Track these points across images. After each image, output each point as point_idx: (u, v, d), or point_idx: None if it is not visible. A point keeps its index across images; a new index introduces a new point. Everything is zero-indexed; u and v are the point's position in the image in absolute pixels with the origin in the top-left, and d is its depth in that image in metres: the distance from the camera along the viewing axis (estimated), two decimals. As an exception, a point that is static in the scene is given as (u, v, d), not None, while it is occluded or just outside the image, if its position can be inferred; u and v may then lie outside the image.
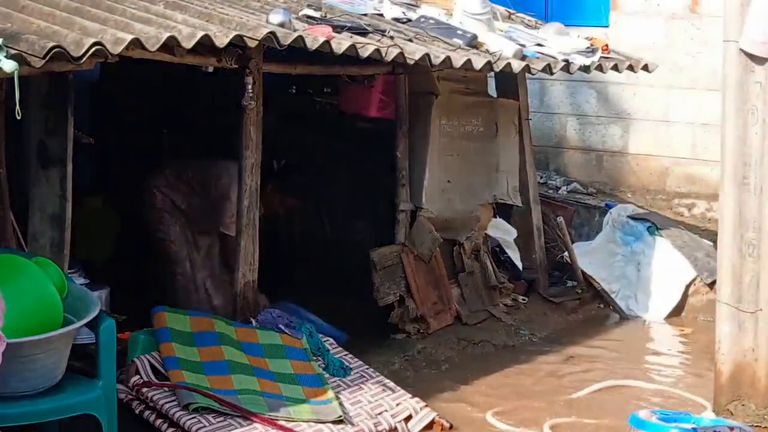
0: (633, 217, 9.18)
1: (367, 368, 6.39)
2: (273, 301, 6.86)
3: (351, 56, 6.32)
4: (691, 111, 10.37)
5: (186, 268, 7.14)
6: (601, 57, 8.08)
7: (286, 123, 8.21)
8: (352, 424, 5.68)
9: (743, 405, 6.14)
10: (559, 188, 10.48)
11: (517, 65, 7.35)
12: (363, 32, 6.57)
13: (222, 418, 5.42)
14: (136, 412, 5.52)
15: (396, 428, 5.84)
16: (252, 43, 5.77)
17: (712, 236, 8.16)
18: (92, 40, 4.83)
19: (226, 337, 6.09)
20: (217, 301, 7.11)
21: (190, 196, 7.18)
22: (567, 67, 7.81)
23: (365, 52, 6.28)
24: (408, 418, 5.95)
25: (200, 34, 5.36)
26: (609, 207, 9.54)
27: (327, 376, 6.11)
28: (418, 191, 7.76)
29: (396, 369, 6.93)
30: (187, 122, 8.80)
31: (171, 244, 7.12)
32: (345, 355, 6.43)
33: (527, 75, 8.40)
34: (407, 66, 6.85)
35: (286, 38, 5.88)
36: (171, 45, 5.33)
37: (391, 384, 6.24)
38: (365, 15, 7.36)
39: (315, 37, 6.07)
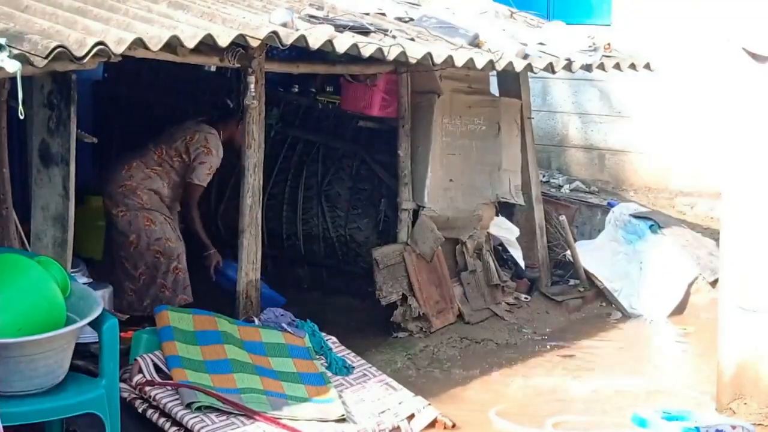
0: (635, 216, 9.19)
1: (370, 367, 6.39)
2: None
3: (353, 55, 6.33)
4: (694, 109, 10.37)
5: (184, 262, 7.14)
6: (603, 56, 8.09)
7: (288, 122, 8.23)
8: (355, 423, 5.69)
9: (746, 403, 6.15)
10: (562, 187, 10.48)
11: (519, 64, 7.36)
12: (365, 31, 6.58)
13: (225, 417, 5.43)
14: (139, 411, 5.53)
15: (399, 427, 5.85)
16: (254, 43, 5.78)
17: (715, 235, 8.18)
18: (95, 40, 4.84)
19: (229, 335, 6.10)
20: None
21: (169, 173, 7.20)
22: (569, 65, 7.81)
23: (367, 52, 6.29)
24: (411, 417, 5.96)
25: (203, 33, 5.37)
26: (611, 205, 9.54)
27: (329, 374, 6.11)
28: (420, 190, 7.76)
29: (398, 368, 6.93)
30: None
31: (168, 241, 7.10)
32: (347, 353, 6.43)
33: (529, 74, 8.40)
34: (409, 65, 6.86)
35: (289, 38, 5.89)
36: (173, 45, 5.34)
37: (394, 383, 6.25)
38: (367, 14, 7.37)
39: (317, 36, 6.07)
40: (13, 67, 4.46)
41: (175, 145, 7.18)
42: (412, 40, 6.94)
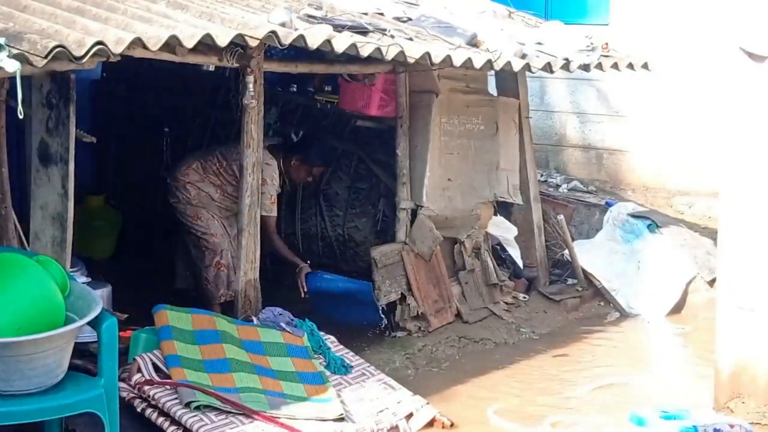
0: (633, 215, 9.20)
1: (368, 366, 6.40)
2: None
3: (352, 55, 6.33)
4: (691, 109, 10.38)
5: (228, 259, 7.23)
6: (600, 55, 8.09)
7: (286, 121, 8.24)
8: (353, 422, 5.70)
9: (743, 402, 6.15)
10: (560, 186, 10.49)
11: (517, 64, 7.36)
12: (363, 31, 6.59)
13: (223, 416, 5.44)
14: (138, 410, 5.54)
15: (397, 426, 5.85)
16: (253, 43, 5.79)
17: (712, 234, 8.19)
18: (94, 40, 4.85)
19: (228, 335, 6.10)
20: None
21: (223, 186, 7.28)
22: (567, 65, 7.82)
23: (366, 51, 6.30)
24: (409, 416, 5.96)
25: (201, 33, 5.37)
26: (609, 205, 9.55)
27: (328, 374, 6.12)
28: (418, 189, 7.77)
29: (397, 367, 6.94)
30: (189, 120, 8.81)
31: (212, 236, 7.29)
32: (346, 353, 6.44)
33: (527, 73, 8.41)
34: (408, 65, 6.87)
35: (287, 37, 5.89)
36: (172, 44, 5.35)
37: (392, 382, 6.25)
38: (366, 14, 7.38)
39: (315, 36, 6.08)
40: (12, 66, 4.47)
41: (234, 166, 7.19)
42: (411, 39, 6.95)
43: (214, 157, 7.37)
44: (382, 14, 7.54)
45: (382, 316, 7.42)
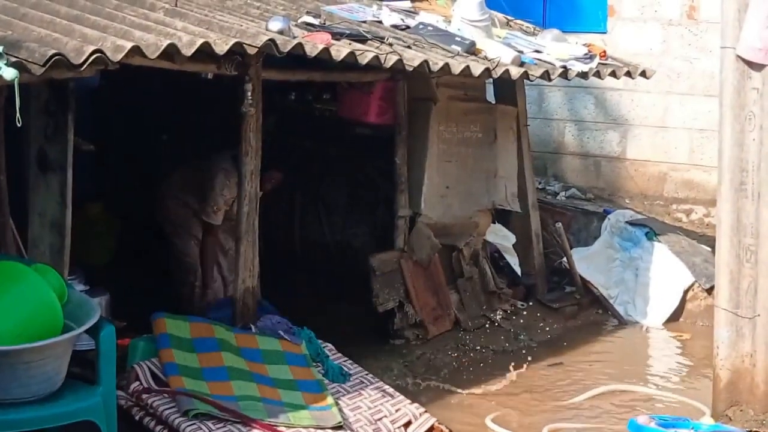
0: (631, 223, 9.19)
1: (367, 374, 6.39)
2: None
3: (350, 63, 6.34)
4: (688, 117, 10.40)
5: (201, 279, 7.19)
6: (599, 63, 8.10)
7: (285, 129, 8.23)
8: (352, 430, 5.69)
9: (741, 410, 6.15)
10: (558, 194, 10.50)
11: (515, 72, 7.37)
12: (362, 39, 6.60)
13: (222, 425, 5.43)
14: (136, 418, 5.53)
15: (395, 434, 5.86)
16: (251, 51, 5.79)
17: (710, 242, 8.19)
18: (92, 48, 4.86)
19: (226, 343, 6.10)
20: None
21: (198, 195, 7.26)
22: (565, 73, 7.83)
23: (364, 59, 6.30)
24: (407, 424, 5.95)
25: (200, 41, 5.38)
26: (607, 212, 9.55)
27: (326, 382, 6.11)
28: (416, 197, 7.77)
29: (395, 375, 6.94)
30: (187, 128, 8.81)
31: (186, 257, 7.20)
32: (344, 361, 6.43)
33: (525, 81, 8.42)
34: (406, 72, 6.87)
35: (286, 45, 5.90)
36: (171, 52, 5.35)
37: (391, 390, 6.24)
38: (364, 22, 7.39)
39: (314, 44, 6.09)
40: (10, 75, 4.48)
41: (201, 173, 7.21)
42: (409, 47, 6.96)
43: (195, 168, 7.32)
44: (380, 22, 7.55)
45: None
